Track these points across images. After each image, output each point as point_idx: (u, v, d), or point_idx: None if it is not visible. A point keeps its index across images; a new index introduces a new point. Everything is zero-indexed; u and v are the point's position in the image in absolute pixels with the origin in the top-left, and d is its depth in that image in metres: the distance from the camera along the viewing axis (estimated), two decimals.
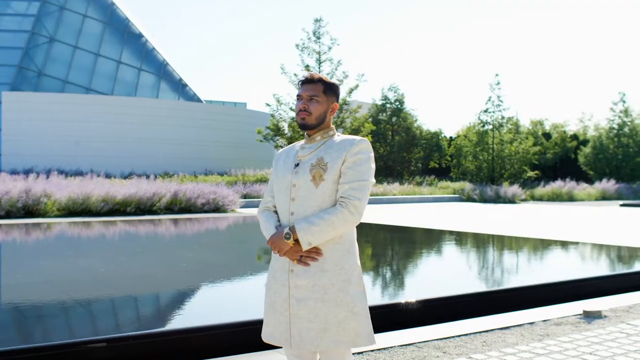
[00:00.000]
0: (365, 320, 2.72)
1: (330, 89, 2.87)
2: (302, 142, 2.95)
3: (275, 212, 2.91)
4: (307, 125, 2.83)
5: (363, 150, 2.76)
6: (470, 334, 5.00)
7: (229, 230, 15.10)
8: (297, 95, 2.87)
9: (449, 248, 11.21)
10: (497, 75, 37.87)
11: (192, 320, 5.13)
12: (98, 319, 5.41)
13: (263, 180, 30.94)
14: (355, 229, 2.82)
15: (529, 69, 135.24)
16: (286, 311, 2.72)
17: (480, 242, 11.99)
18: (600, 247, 10.95)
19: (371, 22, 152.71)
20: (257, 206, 24.42)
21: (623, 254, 9.94)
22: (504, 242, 11.94)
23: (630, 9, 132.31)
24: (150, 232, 13.97)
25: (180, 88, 40.62)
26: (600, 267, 8.74)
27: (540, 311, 5.72)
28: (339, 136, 2.87)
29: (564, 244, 11.22)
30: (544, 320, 5.43)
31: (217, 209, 21.28)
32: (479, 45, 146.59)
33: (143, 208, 19.60)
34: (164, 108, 36.75)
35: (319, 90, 2.83)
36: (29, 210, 17.60)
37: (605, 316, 5.61)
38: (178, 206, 20.32)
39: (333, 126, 2.92)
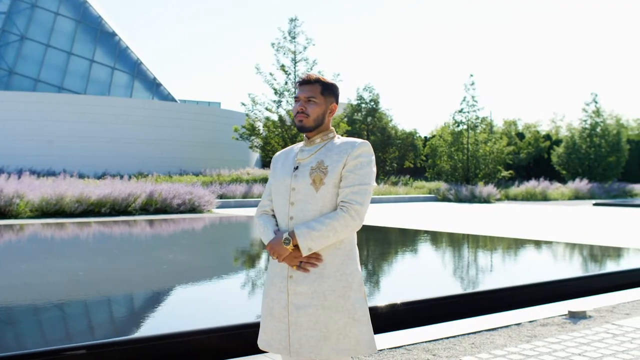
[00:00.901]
0: (366, 327, 2.65)
1: (329, 90, 2.79)
2: (300, 144, 2.88)
3: (273, 216, 2.83)
4: (305, 127, 2.76)
5: (364, 154, 2.69)
6: (458, 335, 4.98)
7: (208, 231, 14.95)
8: (295, 97, 2.80)
9: (429, 249, 11.21)
10: (471, 75, 38.01)
11: (176, 324, 5.01)
12: (77, 324, 5.27)
13: (239, 181, 30.76)
14: (355, 233, 2.75)
15: (501, 69, 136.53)
16: (285, 318, 2.64)
17: (460, 242, 12.01)
18: (580, 247, 11.03)
19: (346, 22, 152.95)
20: (233, 207, 24.44)
21: (602, 253, 10.02)
22: (484, 243, 11.98)
23: (601, 12, 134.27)
24: (127, 233, 13.77)
25: (154, 87, 40.22)
26: (582, 267, 8.79)
27: (526, 312, 5.72)
28: (339, 138, 2.80)
29: (544, 244, 11.29)
30: (531, 321, 5.43)
31: (194, 209, 21.10)
32: (453, 46, 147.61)
33: (118, 209, 19.36)
34: (137, 107, 36.35)
35: (316, 91, 2.76)
36: (1, 211, 17.26)
37: (590, 316, 5.63)
38: (154, 207, 20.10)
39: (332, 128, 2.85)
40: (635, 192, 36.01)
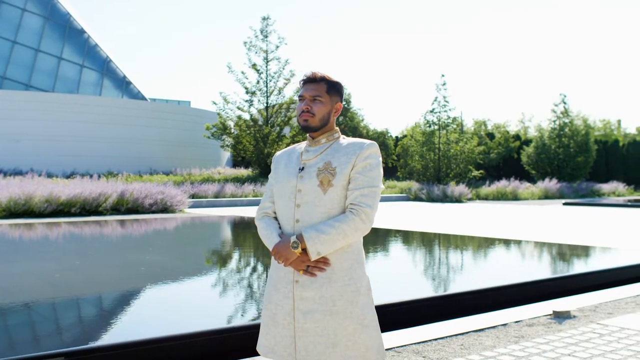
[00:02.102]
0: (375, 333, 2.58)
1: (334, 88, 2.72)
2: (303, 144, 2.80)
3: (275, 218, 2.75)
4: (311, 127, 2.67)
5: (373, 155, 2.63)
6: (446, 337, 4.94)
7: (182, 232, 14.76)
8: (299, 96, 2.71)
9: (406, 249, 11.19)
10: (443, 75, 38.18)
11: (159, 329, 4.89)
12: (54, 330, 5.11)
13: (210, 180, 30.54)
14: (362, 237, 2.68)
15: (470, 69, 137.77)
16: (290, 324, 2.56)
17: (437, 242, 12.02)
18: (556, 246, 11.12)
19: (318, 21, 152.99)
20: (205, 206, 24.24)
21: (579, 253, 10.12)
22: (461, 243, 12.00)
23: (567, 14, 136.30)
24: (100, 234, 13.52)
25: (124, 85, 39.72)
26: (562, 267, 8.84)
27: (511, 312, 5.71)
28: (345, 139, 2.73)
29: (521, 244, 11.36)
30: (517, 322, 5.42)
31: (165, 209, 20.86)
32: (424, 46, 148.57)
33: (89, 209, 19.05)
34: (107, 106, 35.83)
35: (322, 89, 2.68)
36: None
37: (574, 316, 5.64)
38: (125, 207, 19.83)
39: (337, 128, 2.77)
40: (603, 191, 36.59)
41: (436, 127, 36.40)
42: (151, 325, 5.09)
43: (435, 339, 4.88)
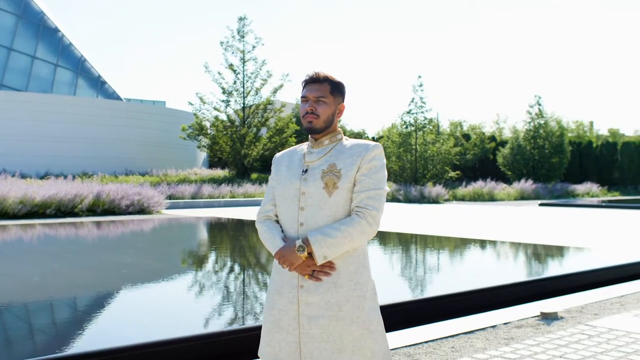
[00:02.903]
0: (381, 338, 2.53)
1: (337, 89, 2.66)
2: (304, 145, 2.73)
3: (277, 221, 2.68)
4: (315, 129, 2.61)
5: (377, 157, 2.57)
6: (437, 339, 4.92)
7: (161, 233, 14.59)
8: (302, 97, 2.65)
9: (384, 251, 11.18)
10: (419, 77, 38.41)
11: (147, 333, 4.79)
12: (35, 335, 4.99)
13: (187, 181, 30.32)
14: (368, 240, 2.62)
15: (446, 71, 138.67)
16: (295, 330, 2.49)
17: (419, 244, 12.02)
18: (539, 247, 11.18)
19: (295, 22, 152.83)
20: (182, 207, 24.04)
21: (561, 254, 10.19)
22: (444, 244, 12.02)
23: (543, 15, 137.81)
24: (78, 235, 13.31)
25: (99, 85, 39.25)
26: (547, 268, 8.89)
27: (499, 314, 5.71)
28: (348, 140, 2.67)
29: (504, 245, 11.41)
30: (505, 323, 5.42)
31: (143, 210, 20.64)
32: (401, 47, 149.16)
33: (64, 210, 18.77)
34: (81, 105, 35.33)
35: (325, 90, 2.62)
36: None
37: (561, 317, 5.66)
38: (101, 208, 19.58)
39: (340, 129, 2.71)
40: (577, 192, 37.02)
41: (413, 128, 36.52)
42: (138, 330, 4.99)
43: (426, 342, 4.85)
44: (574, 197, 35.60)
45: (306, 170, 2.59)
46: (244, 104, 35.27)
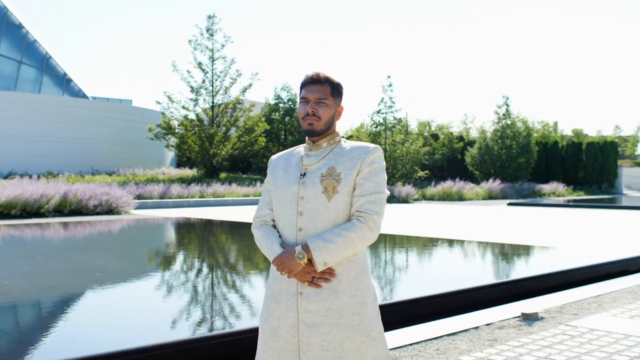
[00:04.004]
0: (382, 345, 2.48)
1: (337, 90, 2.60)
2: (300, 147, 2.66)
3: (274, 226, 2.60)
4: (316, 131, 2.54)
5: (377, 160, 2.51)
6: (421, 341, 4.89)
7: (131, 234, 14.36)
8: (302, 98, 2.57)
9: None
10: (389, 77, 38.65)
11: (128, 339, 4.66)
12: (11, 343, 4.83)
13: (155, 181, 29.97)
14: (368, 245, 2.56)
15: (414, 70, 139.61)
16: (294, 338, 2.42)
17: (395, 244, 12.01)
18: (514, 247, 11.25)
19: (264, 20, 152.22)
20: (151, 207, 23.72)
21: (535, 253, 10.27)
22: (417, 244, 12.02)
23: (509, 16, 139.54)
24: (46, 237, 13.02)
25: (64, 83, 38.56)
26: (525, 268, 8.94)
27: (480, 315, 5.70)
28: (346, 142, 2.60)
29: (478, 245, 11.46)
30: (487, 324, 5.41)
31: (111, 210, 20.31)
32: (369, 46, 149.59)
33: (30, 210, 18.37)
34: (46, 103, 34.65)
35: (326, 91, 2.55)
36: None
37: (542, 317, 5.68)
38: (68, 208, 19.20)
39: (338, 131, 2.65)
40: (544, 192, 37.52)
41: (382, 127, 36.64)
42: (118, 334, 4.85)
43: (411, 344, 4.82)
44: (540, 197, 36.07)
45: (304, 174, 2.53)
46: (213, 103, 34.99)
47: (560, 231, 15.21)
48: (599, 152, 45.23)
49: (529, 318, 5.64)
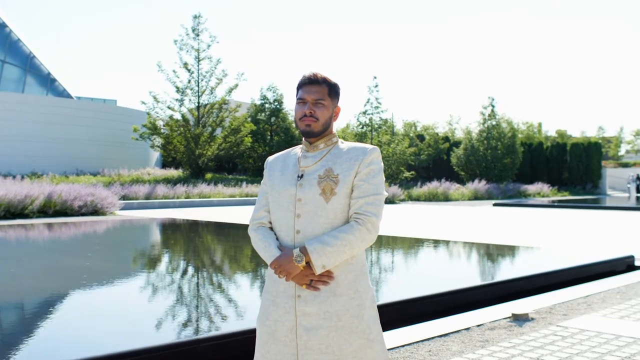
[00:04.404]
0: (381, 348, 2.46)
1: (334, 91, 2.57)
2: (297, 149, 2.63)
3: (271, 228, 2.57)
4: (313, 132, 2.51)
5: (375, 161, 2.49)
6: (413, 343, 4.88)
7: (118, 235, 14.24)
8: (299, 99, 2.54)
9: None
10: (375, 78, 38.56)
11: (119, 342, 4.61)
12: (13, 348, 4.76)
13: (140, 181, 29.81)
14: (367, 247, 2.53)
15: (400, 71, 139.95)
16: (292, 342, 2.40)
17: (384, 245, 12.01)
18: (502, 248, 11.27)
19: (250, 20, 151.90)
20: (136, 208, 23.58)
21: (525, 254, 10.31)
22: (405, 245, 12.02)
23: (498, 17, 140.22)
24: (32, 238, 12.88)
25: (48, 83, 38.24)
26: (514, 269, 8.96)
27: (471, 316, 5.70)
28: (343, 143, 2.58)
29: (467, 246, 11.48)
30: (479, 325, 5.41)
31: (96, 211, 20.16)
32: (356, 47, 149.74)
33: (14, 211, 18.20)
34: (30, 103, 34.33)
35: (324, 92, 2.52)
36: None
37: (532, 318, 5.69)
38: (53, 209, 19.05)
39: (335, 132, 2.62)
40: (529, 192, 37.74)
41: (368, 128, 36.67)
42: (111, 338, 4.80)
43: (402, 346, 4.81)
44: (525, 197, 36.27)
45: (302, 176, 2.50)
46: (198, 103, 34.87)
47: (546, 232, 15.30)
48: (583, 153, 45.57)
49: (519, 319, 5.65)
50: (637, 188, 45.09)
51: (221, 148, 35.03)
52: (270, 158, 2.69)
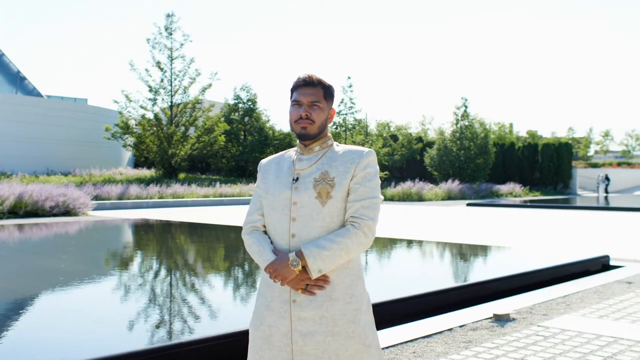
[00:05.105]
0: (377, 353, 2.44)
1: (329, 93, 2.54)
2: (291, 151, 2.59)
3: (265, 232, 2.53)
4: (309, 135, 2.48)
5: (371, 164, 2.47)
6: (397, 344, 4.87)
7: (92, 236, 14.03)
8: (294, 101, 2.50)
9: None
10: (349, 78, 38.67)
11: (104, 346, 4.52)
12: None
13: (112, 181, 29.47)
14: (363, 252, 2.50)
15: (373, 71, 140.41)
16: (287, 347, 2.36)
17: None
18: (477, 247, 11.34)
19: (224, 20, 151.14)
20: (109, 208, 23.30)
21: (502, 254, 10.37)
22: (382, 245, 12.03)
23: (470, 19, 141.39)
24: (2, 239, 12.62)
25: (18, 81, 37.62)
26: (492, 269, 9.01)
27: (453, 316, 5.71)
28: (338, 146, 2.55)
29: (443, 246, 11.53)
30: (461, 326, 5.43)
31: (68, 212, 19.87)
32: (329, 47, 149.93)
33: None
34: None
35: (319, 94, 2.49)
36: None
37: (513, 318, 5.71)
38: (24, 209, 18.71)
39: (330, 134, 2.59)
40: (501, 192, 38.07)
41: (342, 128, 36.69)
42: (93, 342, 4.70)
43: (387, 347, 4.79)
44: (498, 197, 36.58)
45: (297, 179, 2.46)
46: (171, 102, 34.59)
47: (520, 232, 15.45)
48: (554, 154, 46.11)
49: (501, 319, 5.68)
50: (605, 188, 45.82)
51: (194, 148, 34.81)
52: (263, 161, 2.65)
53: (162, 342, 4.36)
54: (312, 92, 2.48)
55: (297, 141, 2.54)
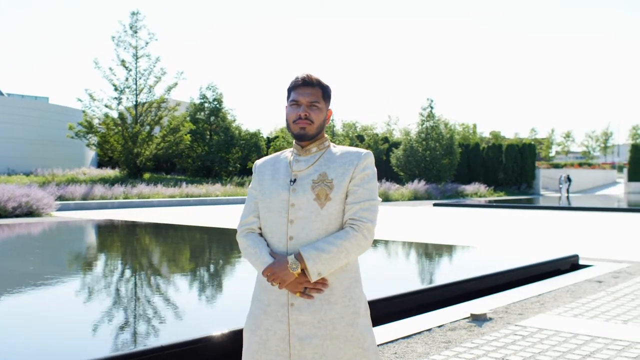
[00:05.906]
0: (375, 357, 2.41)
1: (327, 93, 2.50)
2: (287, 152, 2.55)
3: (261, 234, 2.48)
4: (308, 135, 2.43)
5: (369, 166, 2.45)
6: (378, 345, 4.84)
7: (57, 237, 13.74)
8: (292, 101, 2.45)
9: None
10: None
11: (82, 351, 4.41)
12: None
13: (75, 181, 28.98)
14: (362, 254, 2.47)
15: (339, 71, 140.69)
16: (285, 351, 2.32)
17: None
18: (442, 247, 11.41)
19: (190, 19, 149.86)
20: (73, 209, 22.90)
21: (474, 254, 10.45)
22: None
23: (435, 20, 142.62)
24: None
25: None
26: (465, 269, 9.06)
27: (431, 317, 5.72)
28: (335, 147, 2.51)
29: (412, 246, 11.58)
30: (440, 326, 5.44)
31: (31, 212, 19.46)
32: (293, 47, 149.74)
33: None
34: None
35: (318, 95, 2.45)
36: None
37: (490, 318, 5.75)
38: None
39: (327, 136, 2.55)
40: (466, 192, 38.47)
41: None
42: (68, 348, 4.59)
43: None
44: (463, 197, 36.95)
45: (294, 180, 2.42)
46: (136, 101, 34.21)
47: (488, 232, 15.64)
48: (518, 154, 46.77)
49: (478, 319, 5.71)
50: (567, 188, 46.64)
51: (160, 147, 34.46)
52: (258, 162, 2.60)
53: (126, 346, 4.27)
54: (311, 92, 2.44)
55: (294, 142, 2.50)
